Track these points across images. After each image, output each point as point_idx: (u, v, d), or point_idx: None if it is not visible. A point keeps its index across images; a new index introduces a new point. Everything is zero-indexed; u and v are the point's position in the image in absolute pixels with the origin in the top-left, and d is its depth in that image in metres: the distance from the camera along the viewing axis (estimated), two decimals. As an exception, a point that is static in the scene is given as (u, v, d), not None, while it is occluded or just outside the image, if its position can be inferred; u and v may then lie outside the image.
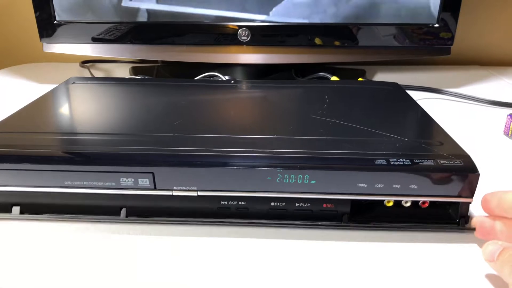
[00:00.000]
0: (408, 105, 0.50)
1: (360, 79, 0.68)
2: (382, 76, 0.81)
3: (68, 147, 0.37)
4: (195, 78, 0.66)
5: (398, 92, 0.54)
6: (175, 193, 0.36)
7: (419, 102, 0.51)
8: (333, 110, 0.46)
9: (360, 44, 0.69)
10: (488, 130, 0.57)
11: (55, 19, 0.69)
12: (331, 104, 0.49)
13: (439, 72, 0.85)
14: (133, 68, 0.83)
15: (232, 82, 0.59)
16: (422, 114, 0.46)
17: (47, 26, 0.69)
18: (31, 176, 0.36)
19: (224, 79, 0.66)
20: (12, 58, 0.98)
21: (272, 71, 0.78)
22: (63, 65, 0.92)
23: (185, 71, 0.78)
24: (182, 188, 0.36)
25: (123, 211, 0.37)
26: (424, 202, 0.37)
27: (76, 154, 0.36)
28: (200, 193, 0.36)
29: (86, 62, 0.89)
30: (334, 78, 0.66)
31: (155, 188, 0.36)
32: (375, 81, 0.66)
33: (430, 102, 0.67)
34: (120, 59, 0.90)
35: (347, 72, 0.79)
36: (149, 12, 0.69)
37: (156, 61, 0.87)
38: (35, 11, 0.68)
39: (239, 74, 0.76)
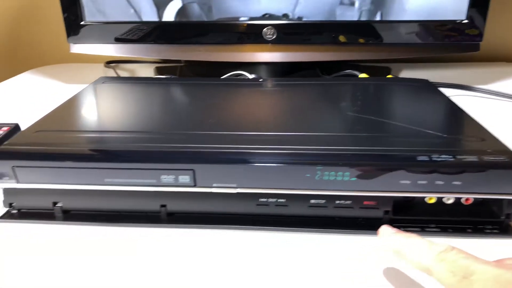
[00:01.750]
0: (442, 102, 0.49)
1: (389, 76, 0.67)
2: (408, 73, 0.80)
3: (108, 145, 0.37)
4: (222, 77, 0.66)
5: (430, 88, 0.54)
6: (214, 190, 0.36)
7: (451, 99, 0.51)
8: (367, 107, 0.46)
9: (385, 41, 0.68)
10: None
11: (82, 20, 0.70)
12: (364, 101, 0.48)
13: (465, 68, 0.84)
14: (157, 68, 0.84)
15: (260, 80, 0.59)
16: (458, 111, 0.46)
17: (74, 27, 0.70)
18: (72, 174, 0.36)
19: (250, 77, 0.66)
20: (34, 60, 0.99)
21: (296, 69, 0.77)
22: (87, 65, 0.93)
23: (209, 71, 0.78)
24: (222, 185, 0.36)
25: (164, 209, 0.37)
26: (467, 199, 0.36)
27: (118, 152, 0.36)
28: (239, 190, 0.36)
29: (110, 63, 0.89)
30: (363, 75, 0.66)
31: (195, 185, 0.36)
32: (405, 78, 0.65)
33: (460, 99, 0.66)
34: (143, 59, 0.91)
35: (372, 70, 0.78)
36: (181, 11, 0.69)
37: (179, 61, 0.88)
38: (63, 12, 0.69)
39: (263, 73, 0.76)
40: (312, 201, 0.36)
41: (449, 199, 0.36)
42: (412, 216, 0.36)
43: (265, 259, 0.33)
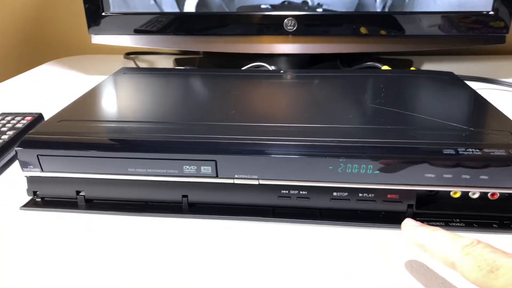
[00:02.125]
0: (467, 94, 0.48)
1: (412, 68, 0.66)
2: (430, 66, 0.79)
3: (130, 135, 0.37)
4: (242, 68, 0.66)
5: (455, 81, 0.52)
6: (236, 181, 0.36)
7: (478, 92, 0.49)
8: (391, 99, 0.45)
9: (407, 33, 0.67)
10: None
11: (102, 11, 0.70)
12: (387, 93, 0.47)
13: (490, 62, 0.82)
14: (176, 59, 0.84)
15: (281, 72, 0.59)
16: (484, 103, 0.45)
17: (95, 18, 0.70)
18: (95, 163, 0.36)
19: (271, 69, 0.65)
20: (57, 50, 1.01)
21: (317, 61, 0.76)
22: (107, 57, 0.93)
23: (227, 62, 0.78)
24: (244, 176, 0.35)
25: (185, 200, 0.37)
26: (493, 194, 0.35)
27: (141, 142, 0.36)
28: (261, 182, 0.36)
29: (130, 54, 0.90)
30: (385, 67, 0.65)
31: (217, 176, 0.36)
32: (429, 70, 0.64)
33: (485, 93, 0.64)
34: (162, 50, 0.91)
35: (393, 62, 0.77)
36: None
37: (197, 53, 0.88)
38: (85, 3, 0.69)
39: (283, 64, 0.75)
40: (335, 193, 0.36)
41: (475, 193, 0.35)
42: (436, 211, 0.36)
43: (286, 251, 0.33)
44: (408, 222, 0.29)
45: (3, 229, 0.36)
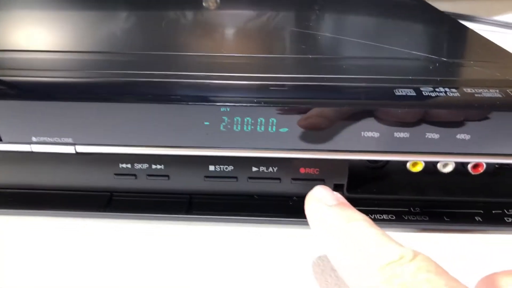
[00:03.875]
0: (441, 20, 0.33)
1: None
2: None
3: None
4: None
5: (426, 7, 0.38)
6: (35, 147, 0.20)
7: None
8: (328, 22, 0.30)
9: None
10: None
11: None
12: (324, 14, 0.32)
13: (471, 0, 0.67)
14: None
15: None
16: (463, 29, 0.30)
17: None
18: None
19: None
20: None
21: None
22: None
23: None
24: (47, 139, 0.20)
25: None
26: (476, 165, 0.21)
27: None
28: (78, 149, 0.20)
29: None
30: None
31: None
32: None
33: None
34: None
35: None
36: None
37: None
38: None
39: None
40: (212, 168, 0.21)
41: (447, 164, 0.21)
42: (382, 195, 0.22)
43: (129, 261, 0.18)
44: (316, 194, 0.17)
45: None
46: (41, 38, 0.26)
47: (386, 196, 0.22)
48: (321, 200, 0.17)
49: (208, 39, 0.27)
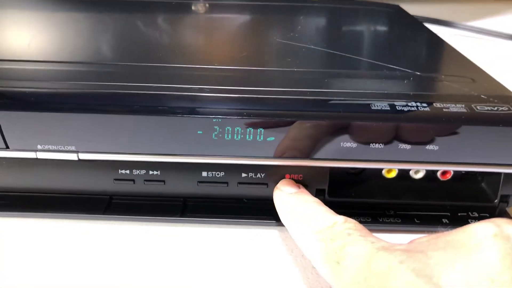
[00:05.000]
0: (417, 31, 0.35)
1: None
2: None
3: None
4: None
5: (402, 16, 0.40)
6: (40, 154, 0.22)
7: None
8: (310, 34, 0.32)
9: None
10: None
11: None
12: (307, 26, 0.34)
13: (447, 4, 0.70)
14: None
15: None
16: (437, 42, 0.32)
17: None
18: None
19: None
20: None
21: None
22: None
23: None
24: (50, 147, 0.22)
25: None
26: (444, 172, 0.23)
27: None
28: (81, 156, 0.22)
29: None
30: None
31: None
32: (370, 1, 0.50)
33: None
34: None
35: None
36: None
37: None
38: None
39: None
40: (205, 173, 0.23)
41: (418, 171, 0.23)
42: (360, 199, 0.24)
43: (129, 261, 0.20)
44: (280, 185, 0.22)
45: None
46: (41, 48, 0.28)
47: (363, 200, 0.24)
48: (284, 190, 0.21)
49: (200, 51, 0.29)
